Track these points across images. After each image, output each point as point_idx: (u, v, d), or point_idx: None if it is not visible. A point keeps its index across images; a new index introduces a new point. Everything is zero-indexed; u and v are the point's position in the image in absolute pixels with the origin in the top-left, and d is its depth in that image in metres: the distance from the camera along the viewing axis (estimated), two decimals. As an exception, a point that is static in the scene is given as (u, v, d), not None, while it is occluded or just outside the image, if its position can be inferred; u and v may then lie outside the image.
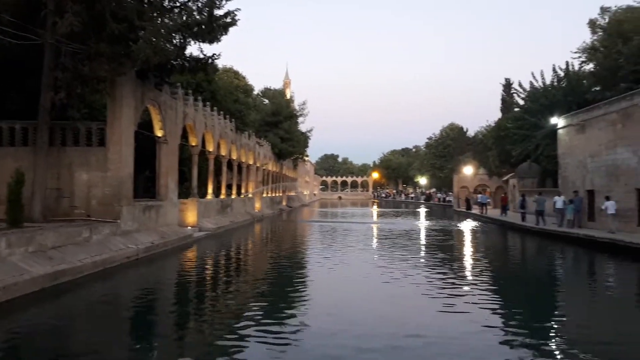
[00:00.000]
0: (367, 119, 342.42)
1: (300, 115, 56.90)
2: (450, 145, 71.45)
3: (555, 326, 9.00)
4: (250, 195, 37.30)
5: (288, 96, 63.58)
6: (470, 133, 70.21)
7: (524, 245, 23.26)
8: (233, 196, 33.28)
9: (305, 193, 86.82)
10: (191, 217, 23.22)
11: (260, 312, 9.38)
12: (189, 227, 22.51)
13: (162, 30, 15.28)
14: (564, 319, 9.61)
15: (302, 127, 58.61)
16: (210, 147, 27.39)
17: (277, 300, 10.55)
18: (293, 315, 9.20)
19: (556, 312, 10.24)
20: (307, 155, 76.25)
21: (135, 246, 15.75)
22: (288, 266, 15.62)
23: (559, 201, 24.57)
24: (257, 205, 38.87)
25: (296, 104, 58.45)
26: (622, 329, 8.70)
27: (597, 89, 31.29)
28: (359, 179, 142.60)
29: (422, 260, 16.67)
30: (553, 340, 7.97)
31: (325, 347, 7.31)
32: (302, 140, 57.86)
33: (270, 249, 21.01)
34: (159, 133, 20.30)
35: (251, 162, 38.11)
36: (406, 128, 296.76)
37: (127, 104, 16.97)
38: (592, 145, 25.03)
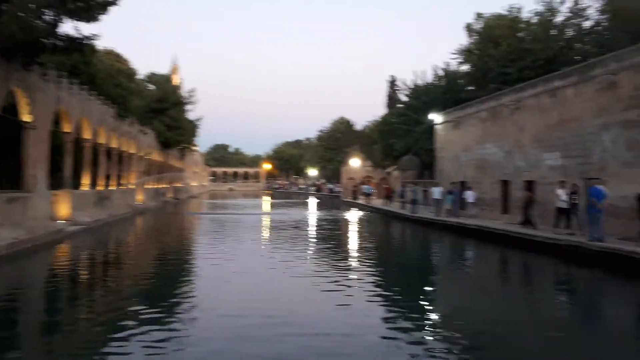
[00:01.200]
0: (259, 110, 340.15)
1: (189, 102, 54.65)
2: (340, 138, 73.75)
3: (432, 308, 9.66)
4: (131, 187, 35.20)
5: (176, 82, 60.76)
6: (358, 127, 73.05)
7: (404, 232, 24.72)
8: (112, 187, 31.14)
9: (193, 184, 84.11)
10: (64, 210, 21.30)
11: (139, 314, 8.75)
12: (62, 221, 20.64)
13: (31, 5, 13.70)
14: (439, 300, 10.35)
15: (191, 115, 56.47)
16: (86, 135, 25.29)
17: (159, 299, 9.98)
18: (176, 315, 8.81)
19: (432, 294, 11.01)
20: (195, 145, 73.79)
21: (-4, 243, 14.03)
22: (172, 261, 14.97)
23: (437, 192, 26.46)
24: (140, 197, 36.83)
25: (184, 91, 56.10)
26: (485, 306, 9.60)
27: (471, 88, 34.08)
28: (251, 170, 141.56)
29: (312, 250, 16.94)
30: (430, 322, 8.54)
31: (211, 346, 7.10)
32: (191, 128, 55.76)
33: (152, 243, 20.00)
34: (26, 118, 18.27)
35: (133, 151, 35.93)
36: (298, 120, 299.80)
37: (-14, 84, 15.01)
38: (465, 140, 27.28)
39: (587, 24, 29.39)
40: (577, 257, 14.50)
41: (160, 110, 47.48)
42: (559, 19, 30.12)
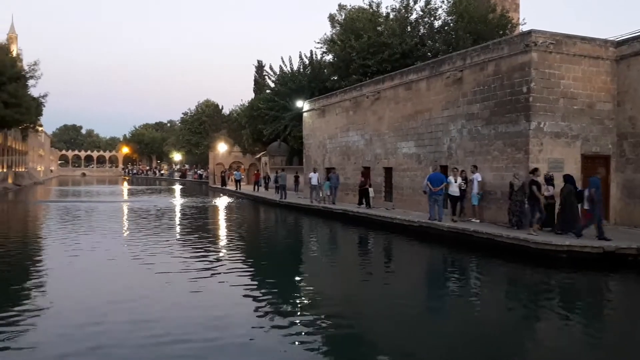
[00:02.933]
0: (116, 89, 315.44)
1: (32, 77, 48.49)
2: (206, 122, 71.49)
3: (301, 289, 9.90)
4: (-38, 172, 30.47)
5: (14, 53, 53.43)
6: (226, 111, 71.50)
7: (277, 218, 25.03)
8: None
9: (39, 169, 75.63)
10: None
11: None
12: None
13: None
14: (307, 281, 10.65)
15: (34, 92, 50.30)
16: None
17: (2, 299, 8.85)
18: (23, 314, 7.84)
19: (300, 276, 11.29)
20: (40, 125, 66.05)
21: None
22: (16, 256, 13.28)
23: (314, 178, 26.84)
24: (-27, 184, 32.07)
25: (25, 64, 49.62)
26: (348, 283, 10.14)
27: (335, 78, 35.26)
28: (107, 154, 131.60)
29: (179, 241, 16.16)
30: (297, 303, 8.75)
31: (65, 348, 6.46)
32: (34, 107, 49.59)
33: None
34: None
35: (-37, 132, 31.05)
36: (160, 101, 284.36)
37: None
38: (330, 128, 28.25)
39: (437, 23, 32.11)
40: (429, 236, 15.96)
41: (-5, 84, 41.50)
42: (413, 16, 32.44)
